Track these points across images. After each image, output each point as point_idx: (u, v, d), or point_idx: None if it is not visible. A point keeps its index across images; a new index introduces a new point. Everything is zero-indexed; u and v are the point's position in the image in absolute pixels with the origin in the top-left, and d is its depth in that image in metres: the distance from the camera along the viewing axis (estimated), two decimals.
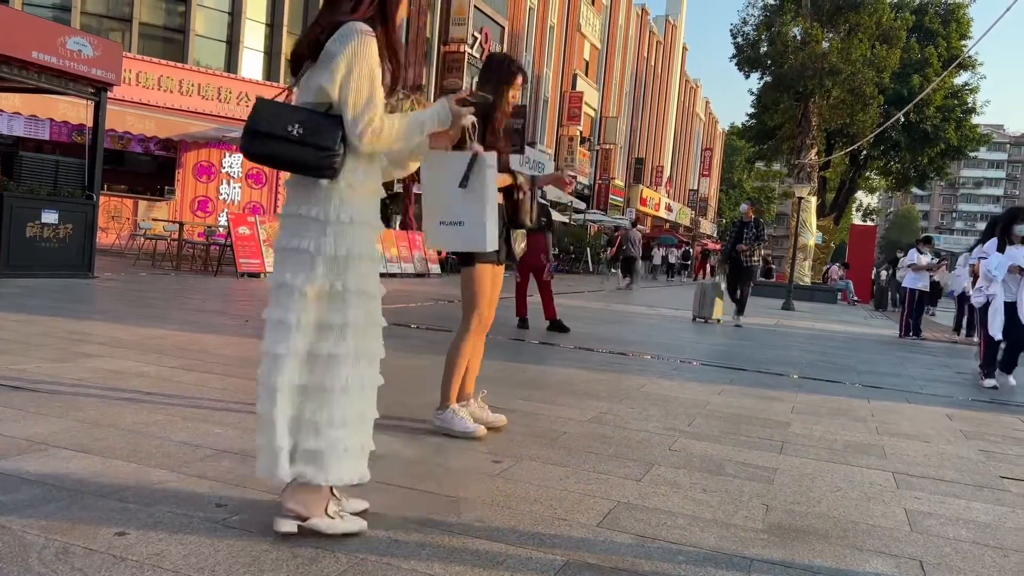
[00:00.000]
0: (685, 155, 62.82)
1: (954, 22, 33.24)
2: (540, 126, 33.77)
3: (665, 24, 52.70)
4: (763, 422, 4.78)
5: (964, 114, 33.26)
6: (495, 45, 28.04)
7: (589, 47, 38.94)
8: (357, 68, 2.28)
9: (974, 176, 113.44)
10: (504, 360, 6.43)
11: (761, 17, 31.41)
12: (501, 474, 3.18)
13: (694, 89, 63.89)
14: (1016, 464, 4.27)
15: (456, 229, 2.76)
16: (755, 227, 12.08)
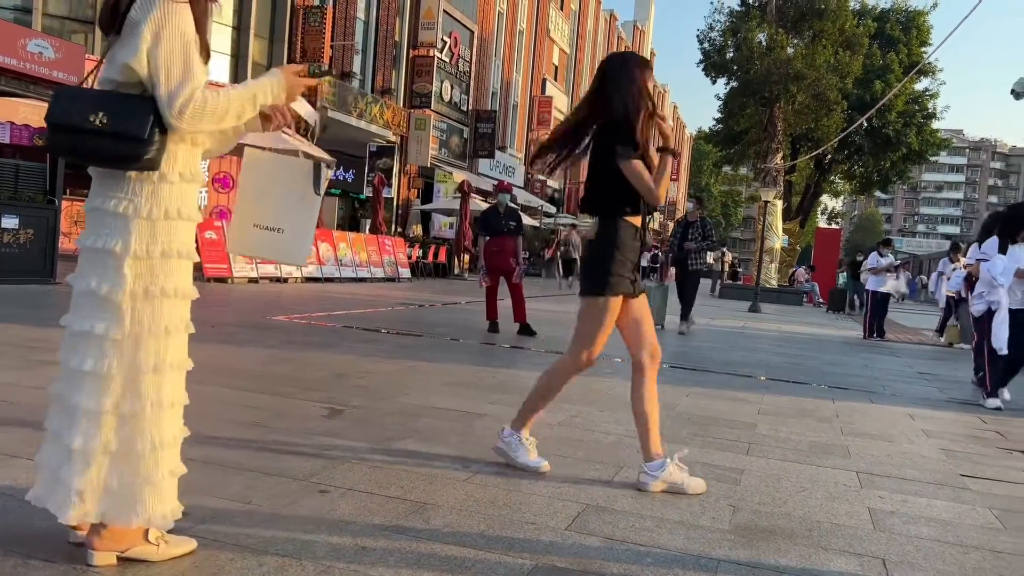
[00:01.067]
0: None
1: (914, 29, 33.89)
2: (510, 131, 33.83)
3: (633, 30, 53.10)
4: (730, 424, 4.82)
5: (925, 119, 33.92)
6: (464, 49, 28.06)
7: (558, 52, 39.10)
8: (166, 35, 1.97)
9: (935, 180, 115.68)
10: (475, 364, 6.42)
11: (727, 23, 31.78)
12: (470, 479, 3.18)
13: (662, 94, 64.40)
14: (976, 462, 4.36)
15: (273, 236, 2.42)
16: (701, 227, 11.16)
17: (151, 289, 2.05)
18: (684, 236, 11.20)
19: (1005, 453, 4.67)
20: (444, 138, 27.14)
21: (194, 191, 2.16)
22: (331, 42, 20.03)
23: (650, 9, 56.92)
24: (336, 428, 3.83)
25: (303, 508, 2.67)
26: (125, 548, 2.13)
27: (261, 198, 2.44)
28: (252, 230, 2.43)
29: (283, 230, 2.43)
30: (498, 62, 31.87)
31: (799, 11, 29.71)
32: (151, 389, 2.06)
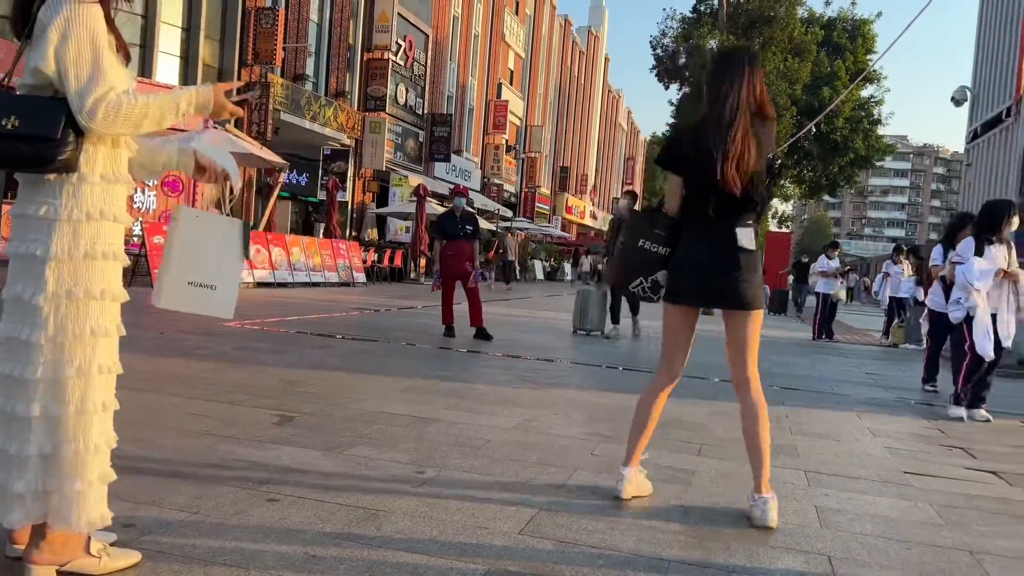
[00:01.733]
0: (609, 164, 63.83)
1: (860, 37, 34.75)
2: (466, 135, 33.81)
3: (588, 35, 53.50)
4: (683, 425, 4.88)
5: (871, 125, 34.77)
6: (419, 53, 27.97)
7: (513, 57, 39.21)
8: (74, 35, 1.94)
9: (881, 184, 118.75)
10: (430, 369, 6.40)
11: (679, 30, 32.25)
12: (423, 485, 3.16)
13: (617, 99, 65.02)
14: (919, 460, 4.48)
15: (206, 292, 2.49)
16: None
17: (74, 291, 2.02)
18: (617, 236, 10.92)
19: (946, 451, 4.80)
20: (399, 141, 27.01)
21: (120, 192, 2.13)
22: (283, 44, 19.80)
23: (604, 15, 57.43)
24: (287, 435, 3.78)
25: (252, 517, 2.63)
26: (65, 562, 2.08)
27: (194, 256, 2.48)
28: (187, 287, 2.48)
29: (216, 287, 2.50)
30: (453, 66, 31.84)
31: (749, 18, 30.27)
32: (75, 393, 2.03)
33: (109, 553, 2.16)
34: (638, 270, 3.19)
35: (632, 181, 69.34)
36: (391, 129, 25.78)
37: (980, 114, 12.46)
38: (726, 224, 3.04)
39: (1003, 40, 11.56)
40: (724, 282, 3.03)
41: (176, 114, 2.12)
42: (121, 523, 2.44)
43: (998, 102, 11.47)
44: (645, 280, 3.18)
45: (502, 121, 35.81)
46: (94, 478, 2.07)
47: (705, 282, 3.05)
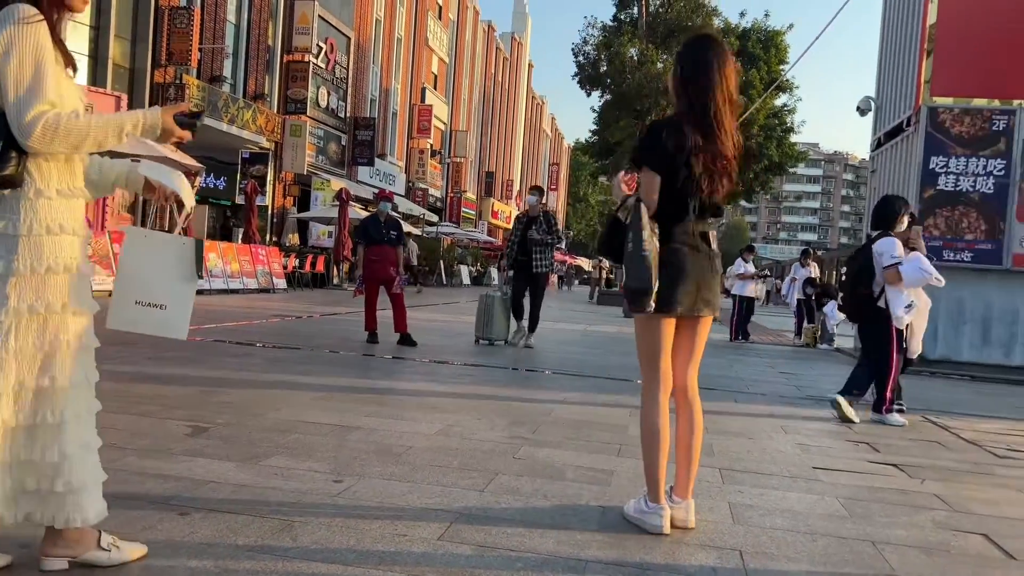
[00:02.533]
0: (534, 169, 64.31)
1: (773, 48, 35.94)
2: (390, 139, 33.55)
3: (511, 41, 53.84)
4: (603, 426, 4.95)
5: (784, 133, 36.02)
6: (341, 56, 27.62)
7: (437, 61, 39.13)
8: (16, 51, 1.96)
9: (795, 190, 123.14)
10: (352, 376, 6.32)
11: (600, 37, 32.70)
12: (342, 494, 3.12)
13: (540, 105, 65.61)
14: (827, 455, 4.66)
15: (155, 312, 2.48)
16: (545, 223, 9.63)
17: (35, 306, 2.07)
18: (526, 234, 9.67)
19: (853, 446, 5.01)
20: (321, 145, 26.60)
21: (78, 207, 2.18)
22: (199, 45, 19.26)
23: (527, 22, 57.90)
24: (199, 447, 3.67)
25: (160, 532, 2.55)
26: (78, 555, 2.23)
27: (144, 275, 2.49)
28: (134, 307, 2.48)
29: (165, 306, 2.50)
30: (376, 69, 31.56)
31: (668, 28, 30.95)
32: (43, 405, 2.11)
33: (119, 546, 2.28)
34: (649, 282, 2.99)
35: (556, 187, 70.03)
36: (312, 132, 25.37)
37: (883, 123, 13.02)
38: (703, 227, 2.98)
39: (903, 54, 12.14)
40: (710, 289, 2.98)
41: (119, 136, 2.14)
42: (18, 544, 2.33)
43: (899, 112, 12.03)
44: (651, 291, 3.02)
45: (427, 125, 35.68)
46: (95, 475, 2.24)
47: (691, 287, 2.93)
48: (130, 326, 2.50)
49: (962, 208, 10.56)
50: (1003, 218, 10.47)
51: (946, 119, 10.67)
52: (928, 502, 3.70)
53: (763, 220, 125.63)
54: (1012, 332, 10.66)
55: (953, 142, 10.63)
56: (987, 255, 10.50)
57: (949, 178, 10.63)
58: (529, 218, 9.77)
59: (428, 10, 36.87)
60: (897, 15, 12.94)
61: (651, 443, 2.99)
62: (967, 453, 5.04)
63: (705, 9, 32.07)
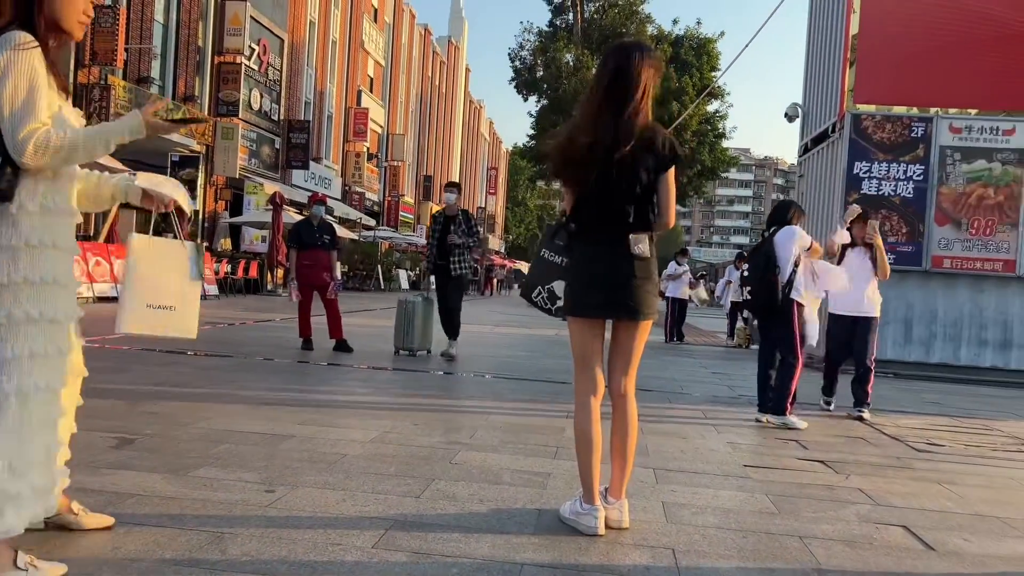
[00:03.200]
0: (472, 173, 64.31)
1: (705, 55, 36.72)
2: (325, 142, 33.11)
3: (448, 45, 53.76)
4: (540, 429, 4.98)
5: (716, 138, 36.80)
6: (274, 58, 27.16)
7: (373, 64, 38.80)
8: (11, 74, 2.11)
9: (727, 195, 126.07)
10: (285, 384, 6.21)
11: (536, 43, 32.97)
12: (273, 504, 3.06)
13: (478, 110, 65.67)
14: (757, 453, 4.77)
15: (167, 313, 2.69)
16: (465, 223, 8.95)
17: (15, 314, 2.17)
18: (445, 234, 8.93)
19: (782, 443, 5.15)
20: (254, 148, 26.08)
21: (64, 223, 2.29)
22: (125, 45, 18.70)
23: (463, 26, 57.91)
24: (125, 459, 3.56)
25: (82, 548, 2.46)
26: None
27: (152, 280, 2.69)
28: (146, 310, 2.68)
29: (175, 308, 2.72)
30: (311, 72, 31.11)
31: (603, 34, 31.39)
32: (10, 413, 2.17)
33: (36, 566, 2.22)
34: (539, 279, 3.15)
35: (495, 191, 70.20)
36: (245, 135, 24.86)
37: (810, 129, 13.45)
38: (620, 231, 2.99)
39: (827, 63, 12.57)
40: (623, 292, 2.99)
41: (108, 146, 2.28)
42: None
43: (825, 119, 12.45)
44: (543, 289, 3.13)
45: (363, 129, 35.32)
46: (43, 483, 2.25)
47: (606, 292, 2.98)
48: (143, 329, 2.70)
49: (885, 212, 10.96)
50: (923, 221, 10.91)
51: (868, 126, 11.07)
52: (852, 496, 3.83)
53: (697, 224, 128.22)
54: (931, 331, 11.11)
55: (875, 148, 11.03)
56: (908, 257, 10.92)
57: (872, 182, 11.02)
58: (447, 218, 9.04)
59: (363, 13, 36.54)
60: (822, 25, 13.38)
61: (584, 445, 3.02)
62: (889, 448, 5.22)
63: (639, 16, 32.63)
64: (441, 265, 8.93)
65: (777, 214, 6.19)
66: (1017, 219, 10.80)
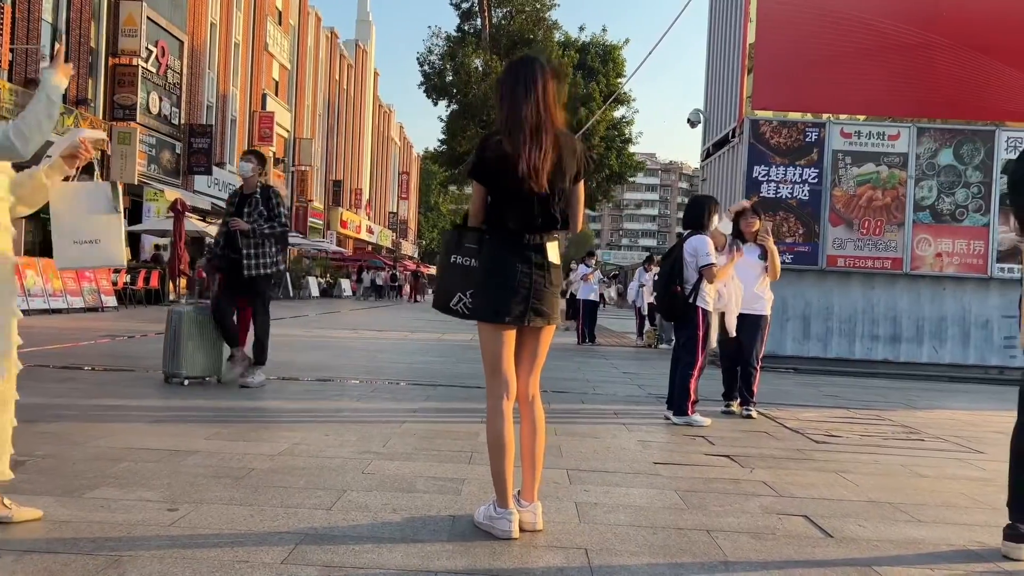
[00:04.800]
0: (383, 178, 63.66)
1: (611, 62, 37.52)
2: (229, 147, 32.16)
3: (355, 49, 53.07)
4: (455, 435, 4.96)
5: (623, 143, 37.64)
6: (174, 60, 26.21)
7: (278, 67, 37.95)
8: None
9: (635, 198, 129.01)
10: (191, 397, 5.99)
11: (445, 47, 32.94)
12: (176, 523, 2.94)
13: (388, 114, 65.08)
14: (666, 450, 4.89)
15: (92, 247, 3.01)
16: (263, 203, 6.70)
17: None
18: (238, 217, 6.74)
19: (690, 439, 5.29)
20: (153, 153, 25.10)
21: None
22: (11, 45, 17.70)
23: (371, 29, 57.30)
24: (15, 483, 3.33)
25: None
26: None
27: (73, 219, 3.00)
28: (73, 246, 3.01)
29: (99, 240, 3.03)
30: (213, 75, 30.19)
31: (511, 40, 31.63)
32: None
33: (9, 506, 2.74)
34: (456, 286, 3.07)
35: (407, 196, 69.69)
36: (143, 140, 23.89)
37: (711, 135, 13.92)
38: (536, 238, 3.03)
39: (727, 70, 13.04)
40: (537, 298, 3.01)
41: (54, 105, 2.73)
42: None
43: (725, 124, 12.91)
44: (464, 295, 3.06)
45: (268, 133, 34.49)
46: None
47: (522, 298, 2.98)
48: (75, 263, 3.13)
49: (783, 213, 11.43)
50: (818, 222, 11.42)
51: (766, 131, 11.53)
52: (757, 489, 3.96)
53: (606, 227, 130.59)
54: (828, 327, 11.64)
55: (773, 152, 11.49)
56: (805, 257, 11.42)
57: (770, 185, 11.47)
58: (242, 196, 6.83)
59: (267, 15, 35.71)
60: (721, 34, 13.85)
61: (497, 450, 3.03)
62: (791, 441, 5.44)
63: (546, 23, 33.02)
64: (235, 260, 6.65)
65: (691, 213, 6.20)
66: (903, 219, 11.44)
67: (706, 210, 6.16)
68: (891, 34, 11.75)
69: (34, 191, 2.93)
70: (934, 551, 3.09)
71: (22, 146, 2.62)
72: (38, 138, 2.63)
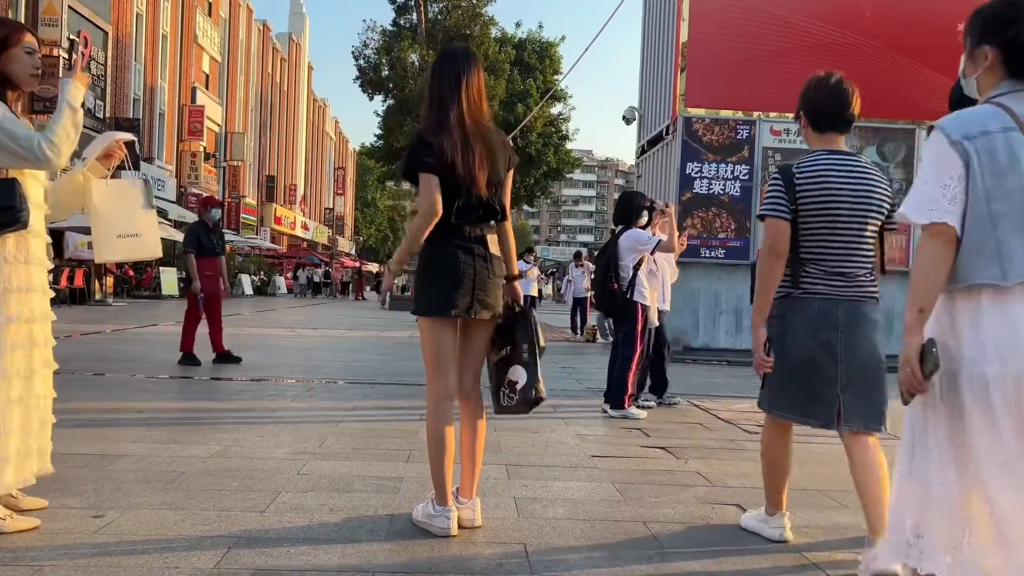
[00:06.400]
0: (318, 174, 62.66)
1: (548, 59, 37.64)
2: (158, 141, 31.22)
3: (288, 42, 52.07)
4: (393, 433, 4.92)
5: (560, 140, 37.81)
6: (97, 51, 25.30)
7: (209, 60, 36.97)
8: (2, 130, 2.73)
9: (572, 195, 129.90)
10: (119, 400, 5.80)
11: (380, 42, 32.58)
12: (102, 530, 2.85)
13: (323, 108, 64.07)
14: (603, 443, 4.95)
15: (134, 240, 3.23)
16: None
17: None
18: None
19: (626, 432, 5.36)
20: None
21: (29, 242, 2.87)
22: None
23: (305, 22, 56.29)
24: None
25: None
26: None
27: (116, 215, 3.21)
28: (116, 240, 3.23)
29: (139, 235, 3.26)
30: (139, 67, 29.24)
31: (447, 35, 31.44)
32: None
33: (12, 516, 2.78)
34: None
35: (343, 191, 68.75)
36: None
37: (646, 132, 14.13)
38: (477, 230, 3.03)
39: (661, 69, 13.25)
40: (483, 290, 3.01)
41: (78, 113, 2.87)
42: None
43: (659, 121, 13.12)
44: None
45: (198, 127, 33.58)
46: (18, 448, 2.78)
47: (470, 291, 2.97)
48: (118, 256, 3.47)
49: (715, 209, 11.66)
50: (749, 218, 11.68)
51: (699, 128, 11.74)
52: (691, 480, 4.04)
53: (544, 223, 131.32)
54: None
55: (705, 149, 11.71)
56: (737, 252, 11.68)
57: (703, 182, 11.70)
58: None
59: (196, 6, 34.75)
60: (654, 33, 14.05)
61: (436, 448, 3.01)
62: (724, 432, 5.56)
63: (482, 18, 32.96)
64: None
65: (621, 209, 6.29)
66: None
67: (634, 205, 6.25)
68: (817, 35, 12.09)
69: (74, 193, 3.15)
70: (858, 535, 3.20)
71: (56, 158, 2.78)
72: (67, 149, 2.81)
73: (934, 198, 1.96)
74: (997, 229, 1.91)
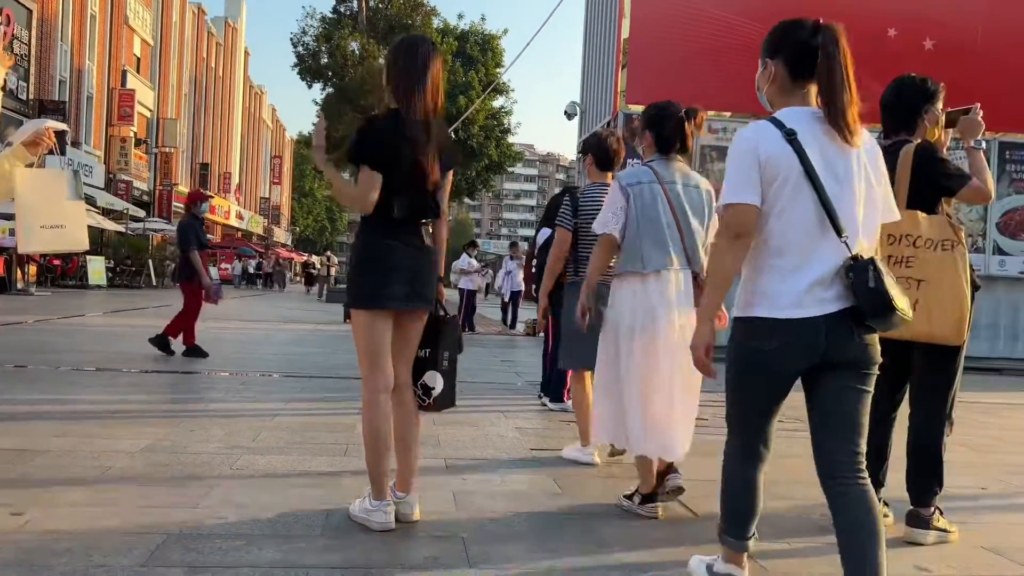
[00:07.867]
0: (254, 162, 61.32)
1: (490, 51, 37.57)
2: (85, 125, 30.08)
3: (224, 26, 50.76)
4: (329, 427, 4.85)
5: (502, 134, 37.79)
6: (20, 30, 24.23)
7: (140, 43, 35.77)
8: None
9: (514, 189, 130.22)
10: (41, 393, 5.58)
11: (320, 29, 32.01)
12: (22, 528, 2.73)
13: (260, 95, 62.69)
14: (542, 436, 4.97)
15: (58, 231, 3.12)
16: None
17: None
18: None
19: (565, 425, 5.39)
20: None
21: None
22: None
23: (242, 6, 54.95)
24: None
25: None
26: None
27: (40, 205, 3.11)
28: (40, 230, 3.11)
29: (65, 226, 3.16)
30: (66, 47, 28.11)
31: (388, 24, 31.07)
32: None
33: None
34: None
35: (280, 181, 67.46)
36: None
37: (588, 127, 14.25)
38: (415, 223, 3.00)
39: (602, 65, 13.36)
40: (422, 282, 2.99)
41: None
42: None
43: (601, 117, 13.24)
44: None
45: (129, 112, 32.47)
46: None
47: (409, 283, 2.95)
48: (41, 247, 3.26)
49: None
50: None
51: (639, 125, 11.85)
52: (633, 473, 4.08)
53: (486, 217, 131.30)
54: None
55: None
56: None
57: None
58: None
59: None
60: (596, 29, 14.14)
61: (374, 442, 2.98)
62: None
63: (424, 8, 32.66)
64: None
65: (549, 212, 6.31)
66: None
67: None
68: (755, 35, 12.32)
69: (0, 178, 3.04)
70: (787, 526, 3.29)
71: None
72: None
73: (606, 219, 3.35)
74: (641, 240, 3.27)
